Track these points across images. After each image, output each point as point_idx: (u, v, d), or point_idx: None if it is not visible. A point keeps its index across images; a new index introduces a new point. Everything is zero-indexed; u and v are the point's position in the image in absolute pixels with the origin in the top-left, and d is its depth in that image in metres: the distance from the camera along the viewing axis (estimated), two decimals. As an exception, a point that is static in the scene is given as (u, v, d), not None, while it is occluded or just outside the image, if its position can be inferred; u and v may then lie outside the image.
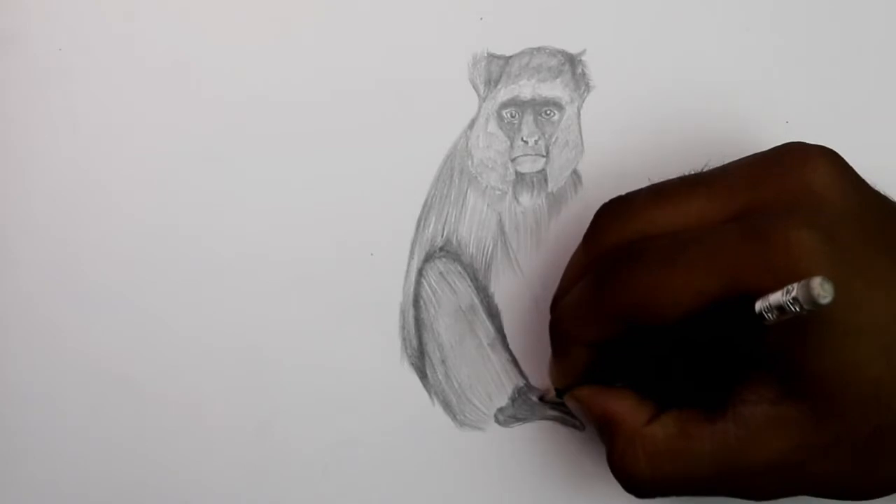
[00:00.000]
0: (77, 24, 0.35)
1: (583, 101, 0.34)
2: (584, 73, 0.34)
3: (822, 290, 0.22)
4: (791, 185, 0.26)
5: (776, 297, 0.23)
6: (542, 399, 0.33)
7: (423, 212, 0.34)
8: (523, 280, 0.34)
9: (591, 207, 0.29)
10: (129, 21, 0.35)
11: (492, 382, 0.34)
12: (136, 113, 0.35)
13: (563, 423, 0.33)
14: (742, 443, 0.26)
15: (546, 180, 0.34)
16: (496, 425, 0.33)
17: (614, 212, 0.29)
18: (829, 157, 0.26)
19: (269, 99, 0.35)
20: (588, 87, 0.34)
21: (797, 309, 0.22)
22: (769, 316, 0.23)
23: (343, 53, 0.35)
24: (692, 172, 0.29)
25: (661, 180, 0.29)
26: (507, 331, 0.34)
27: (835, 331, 0.24)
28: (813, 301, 0.22)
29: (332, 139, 0.35)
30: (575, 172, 0.34)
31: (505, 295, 0.34)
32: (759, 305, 0.24)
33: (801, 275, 0.23)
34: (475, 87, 0.34)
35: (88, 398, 0.34)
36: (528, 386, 0.34)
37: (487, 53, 0.34)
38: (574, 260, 0.30)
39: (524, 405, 0.34)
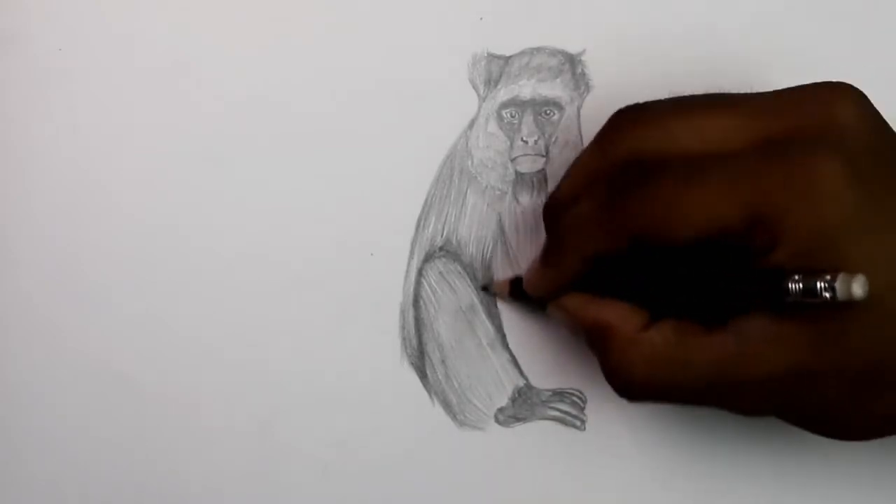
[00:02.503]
0: (77, 24, 0.35)
1: (583, 101, 0.34)
2: (584, 73, 0.34)
3: (863, 288, 0.22)
4: (817, 117, 0.26)
5: (809, 282, 0.23)
6: (485, 289, 0.33)
7: (423, 212, 0.34)
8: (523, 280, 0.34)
9: (591, 207, 0.29)
10: (129, 21, 0.35)
11: (492, 382, 0.34)
12: (136, 113, 0.35)
13: (563, 423, 0.33)
14: (740, 356, 0.25)
15: (546, 180, 0.34)
16: (496, 425, 0.33)
17: (632, 117, 0.28)
18: (856, 95, 0.26)
19: (269, 99, 0.35)
20: (588, 87, 0.34)
21: (827, 296, 0.22)
22: (794, 291, 0.23)
23: (343, 54, 0.35)
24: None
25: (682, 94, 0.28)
26: (507, 331, 0.34)
27: (847, 258, 0.24)
28: (852, 297, 0.22)
29: (332, 139, 0.35)
30: (575, 172, 0.34)
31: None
32: (787, 281, 0.23)
33: (823, 202, 0.23)
34: (475, 87, 0.34)
35: (88, 398, 0.34)
36: (528, 386, 0.34)
37: (487, 53, 0.34)
38: (580, 163, 0.29)
39: (524, 405, 0.34)
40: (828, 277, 0.23)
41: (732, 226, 0.25)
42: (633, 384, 0.27)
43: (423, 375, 0.34)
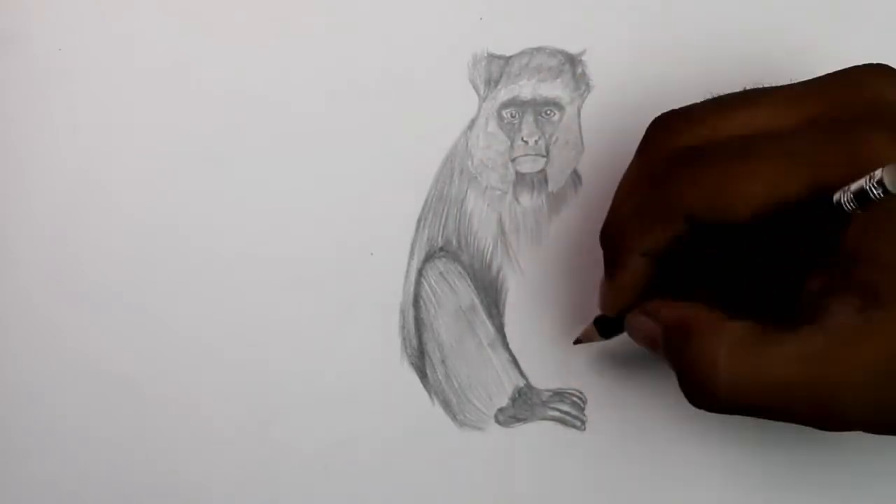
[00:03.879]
0: (77, 24, 0.35)
1: (583, 101, 0.34)
2: (584, 73, 0.34)
3: None
4: (863, 95, 0.25)
5: (858, 184, 0.22)
6: (577, 342, 0.32)
7: (423, 212, 0.34)
8: (523, 280, 0.34)
9: (591, 207, 0.29)
10: (129, 21, 0.35)
11: (492, 382, 0.34)
12: (136, 113, 0.35)
13: (563, 423, 0.33)
14: (830, 351, 0.24)
15: (546, 180, 0.34)
16: (496, 425, 0.33)
17: (671, 123, 0.27)
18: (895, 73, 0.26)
19: (269, 99, 0.35)
20: (588, 87, 0.34)
21: (881, 194, 0.22)
22: (849, 206, 0.23)
23: (343, 53, 0.35)
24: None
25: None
26: (507, 331, 0.34)
27: None
28: None
29: (332, 139, 0.35)
30: (575, 172, 0.34)
31: (505, 295, 0.34)
32: (837, 195, 0.23)
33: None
34: (475, 87, 0.34)
35: (88, 398, 0.34)
36: (529, 386, 0.34)
37: (487, 53, 0.34)
38: (626, 177, 0.28)
39: (524, 405, 0.33)
40: (872, 174, 0.22)
41: (790, 198, 0.24)
42: (716, 382, 0.25)
43: (423, 375, 0.34)
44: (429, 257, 0.34)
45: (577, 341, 0.32)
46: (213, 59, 0.35)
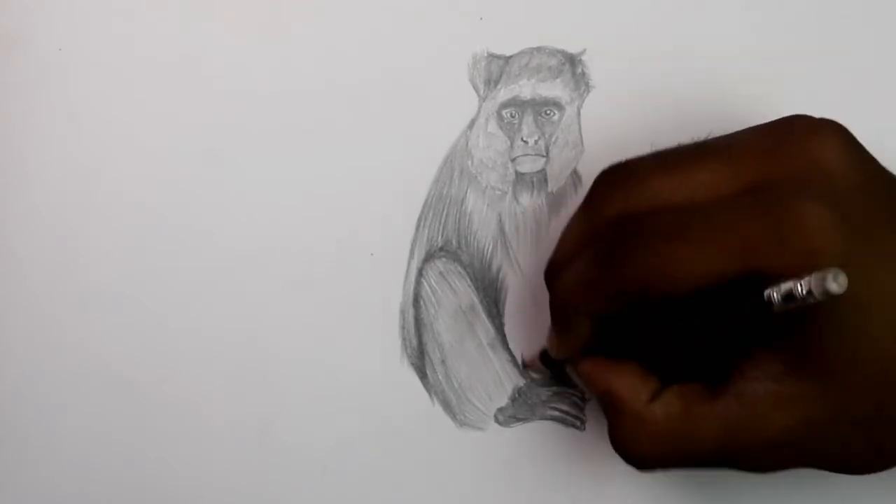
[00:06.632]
0: (77, 24, 0.35)
1: (583, 101, 0.34)
2: (584, 73, 0.34)
3: (837, 282, 0.22)
4: (800, 160, 0.26)
5: (787, 286, 0.23)
6: (525, 366, 0.33)
7: (423, 212, 0.34)
8: (523, 280, 0.34)
9: (591, 207, 0.29)
10: (129, 20, 0.35)
11: (492, 382, 0.34)
12: (136, 112, 0.35)
13: (563, 423, 0.33)
14: (745, 421, 0.26)
15: (546, 180, 0.34)
16: (496, 425, 0.33)
17: (616, 180, 0.28)
18: (837, 132, 0.26)
19: (269, 99, 0.35)
20: (588, 87, 0.34)
21: (809, 299, 0.22)
22: (777, 301, 0.23)
23: (343, 53, 0.35)
24: (693, 141, 0.28)
25: (663, 147, 0.28)
26: (507, 331, 0.34)
27: (844, 306, 0.24)
28: (826, 293, 0.22)
29: (333, 139, 0.35)
30: (575, 172, 0.34)
31: (505, 295, 0.34)
32: (768, 292, 0.23)
33: (813, 251, 0.23)
34: (475, 87, 0.34)
35: (89, 397, 0.34)
36: (529, 386, 0.34)
37: (487, 53, 0.34)
38: (571, 227, 0.29)
39: (524, 405, 0.34)
40: (804, 279, 0.22)
41: (727, 276, 0.24)
42: (639, 459, 0.27)
43: (423, 375, 0.34)
44: (429, 257, 0.34)
45: (524, 366, 0.33)
46: (214, 60, 0.35)
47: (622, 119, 0.34)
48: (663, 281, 0.25)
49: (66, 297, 0.34)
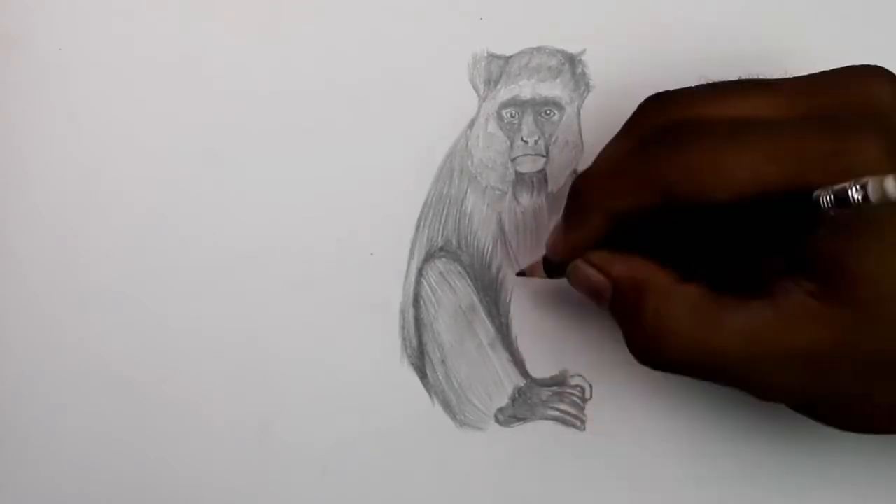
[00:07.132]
0: (77, 24, 0.35)
1: (583, 101, 0.34)
2: (584, 73, 0.34)
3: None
4: (858, 97, 0.26)
5: (841, 187, 0.23)
6: (521, 274, 0.32)
7: (423, 212, 0.34)
8: (523, 280, 0.34)
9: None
10: (129, 20, 0.35)
11: (492, 382, 0.34)
12: (136, 112, 0.35)
13: (564, 423, 0.33)
14: (777, 325, 0.25)
15: (546, 180, 0.34)
16: (496, 425, 0.33)
17: (665, 99, 0.27)
18: (889, 75, 0.26)
19: (269, 99, 0.35)
20: (588, 87, 0.34)
21: (860, 200, 0.22)
22: (827, 205, 0.23)
23: (343, 53, 0.35)
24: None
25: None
26: (507, 331, 0.34)
27: (886, 238, 0.24)
28: (885, 196, 0.22)
29: (333, 139, 0.35)
30: (575, 172, 0.34)
31: (505, 295, 0.34)
32: (818, 193, 0.23)
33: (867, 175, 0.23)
34: (475, 87, 0.34)
35: (89, 397, 0.34)
36: (529, 386, 0.34)
37: (487, 53, 0.34)
38: (613, 141, 0.28)
39: (524, 405, 0.34)
40: (861, 181, 0.22)
41: (772, 189, 0.24)
42: (666, 343, 0.25)
43: (423, 375, 0.34)
44: (429, 257, 0.34)
45: (520, 273, 0.32)
46: (214, 60, 0.35)
47: (622, 119, 0.34)
48: (704, 181, 0.24)
49: (66, 297, 0.34)
